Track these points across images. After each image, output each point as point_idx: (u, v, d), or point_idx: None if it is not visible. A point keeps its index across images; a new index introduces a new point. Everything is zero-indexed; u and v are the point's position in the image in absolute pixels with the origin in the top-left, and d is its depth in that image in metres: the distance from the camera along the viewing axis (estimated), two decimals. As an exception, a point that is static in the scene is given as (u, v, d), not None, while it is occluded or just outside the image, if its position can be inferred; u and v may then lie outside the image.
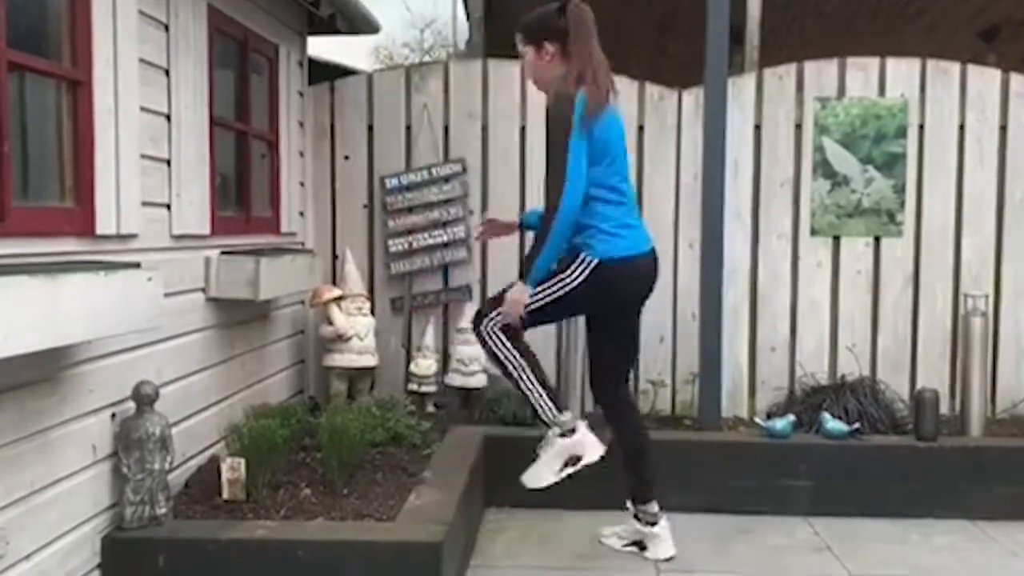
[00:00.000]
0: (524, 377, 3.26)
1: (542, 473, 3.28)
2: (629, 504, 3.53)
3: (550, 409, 3.24)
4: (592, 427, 3.32)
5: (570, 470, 3.27)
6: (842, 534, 3.79)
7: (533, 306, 3.22)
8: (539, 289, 3.22)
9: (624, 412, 3.53)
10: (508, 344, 3.26)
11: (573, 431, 3.24)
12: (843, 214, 4.67)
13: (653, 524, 3.48)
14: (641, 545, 3.52)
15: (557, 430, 3.24)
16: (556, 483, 3.26)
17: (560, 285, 3.22)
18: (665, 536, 3.48)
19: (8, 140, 2.30)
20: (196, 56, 3.33)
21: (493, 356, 3.31)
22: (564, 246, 3.18)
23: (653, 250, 3.37)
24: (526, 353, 3.29)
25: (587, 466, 3.25)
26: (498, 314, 3.25)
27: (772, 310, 4.74)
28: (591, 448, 3.26)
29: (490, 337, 3.28)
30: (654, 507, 3.49)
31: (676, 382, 4.75)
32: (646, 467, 3.48)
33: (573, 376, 4.39)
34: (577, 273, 3.20)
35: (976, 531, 3.88)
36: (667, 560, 3.46)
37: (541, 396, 3.25)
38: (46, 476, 2.46)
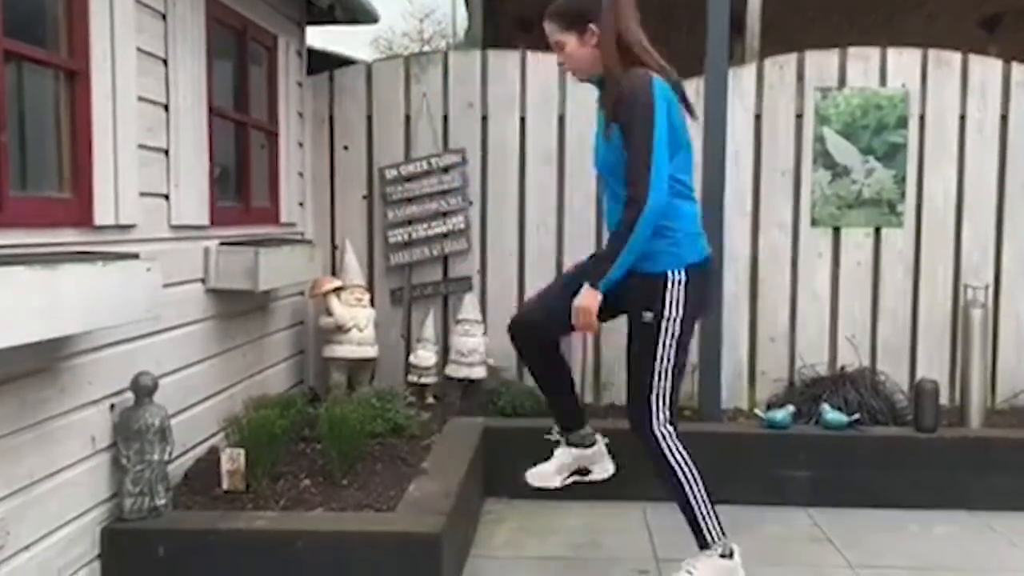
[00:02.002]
0: (697, 492, 2.88)
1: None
2: (558, 435, 3.21)
3: (717, 530, 2.88)
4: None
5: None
6: (842, 525, 3.80)
7: (665, 361, 2.83)
8: (656, 344, 2.82)
9: None
10: (684, 449, 2.89)
11: (731, 554, 2.90)
12: (843, 204, 4.67)
13: (592, 444, 3.21)
14: (584, 471, 3.22)
15: (718, 550, 2.89)
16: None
17: (669, 320, 2.81)
18: (604, 451, 3.22)
19: (6, 130, 2.30)
20: (194, 46, 3.31)
21: (662, 459, 2.87)
22: (642, 250, 2.75)
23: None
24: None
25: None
26: (663, 402, 2.86)
27: (772, 300, 4.74)
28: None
29: (665, 439, 2.87)
30: (589, 427, 3.23)
31: (676, 373, 4.74)
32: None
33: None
34: (675, 295, 2.81)
35: (976, 522, 3.88)
36: (610, 477, 3.21)
37: (710, 513, 2.89)
38: (46, 467, 2.46)
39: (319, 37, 5.01)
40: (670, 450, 2.87)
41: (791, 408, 4.17)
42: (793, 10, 7.41)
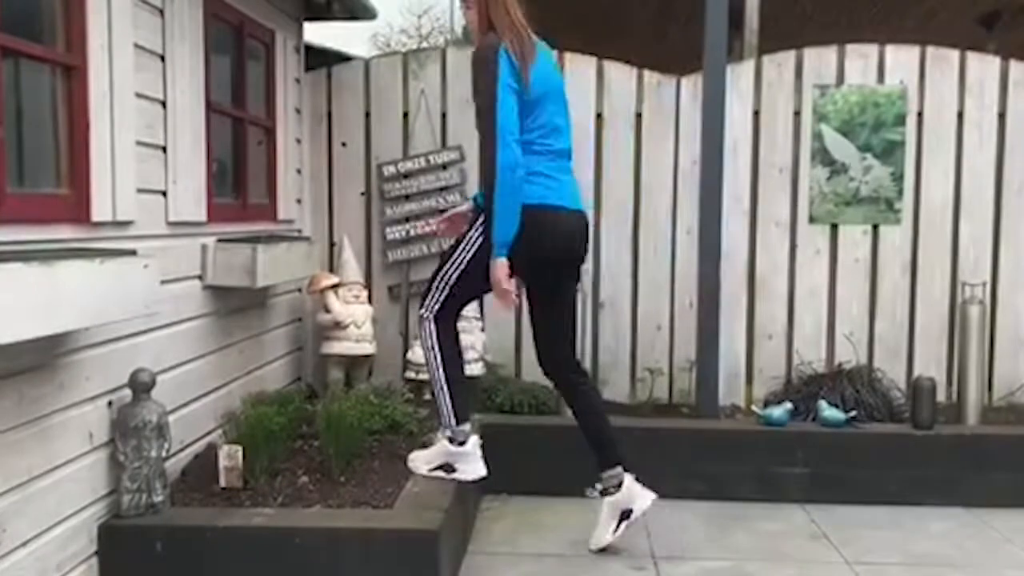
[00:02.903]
0: (441, 379, 3.26)
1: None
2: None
3: (451, 417, 3.26)
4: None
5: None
6: (838, 521, 3.80)
7: (454, 275, 3.23)
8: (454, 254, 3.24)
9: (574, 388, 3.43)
10: (441, 338, 3.26)
11: (464, 443, 3.27)
12: (841, 202, 4.67)
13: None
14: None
15: (447, 433, 3.28)
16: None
17: (467, 244, 3.22)
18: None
19: (3, 126, 2.29)
20: (192, 42, 3.30)
21: (424, 343, 3.29)
22: (513, 206, 3.06)
23: (573, 209, 3.24)
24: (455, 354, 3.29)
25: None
26: (438, 297, 3.25)
27: (770, 298, 4.74)
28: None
29: (427, 326, 3.27)
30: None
31: (673, 370, 4.75)
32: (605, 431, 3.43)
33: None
34: (485, 227, 3.17)
35: (972, 518, 3.89)
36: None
37: (448, 402, 3.26)
38: (44, 463, 2.46)
39: (317, 33, 5.00)
40: (428, 336, 3.26)
41: (788, 405, 4.17)
42: (791, 6, 7.40)
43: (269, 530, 2.79)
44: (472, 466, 3.31)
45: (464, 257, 3.23)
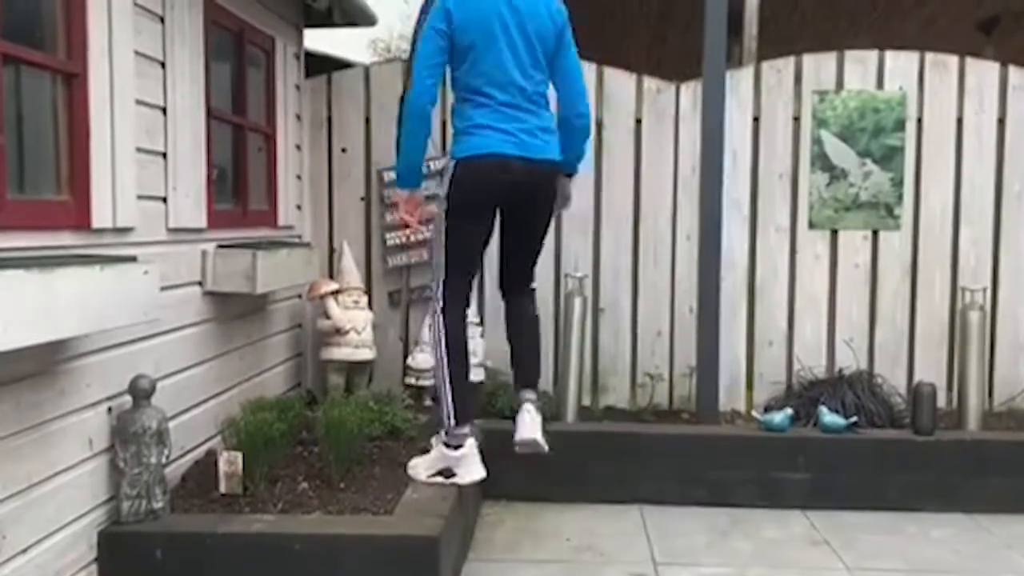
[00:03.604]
0: (445, 377, 3.32)
1: (421, 469, 3.37)
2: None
3: (450, 419, 3.29)
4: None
5: (439, 479, 3.33)
6: (839, 527, 3.80)
7: (441, 253, 3.34)
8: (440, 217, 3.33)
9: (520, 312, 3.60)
10: (449, 334, 3.32)
11: (460, 447, 3.28)
12: (841, 207, 4.67)
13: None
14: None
15: (443, 437, 3.32)
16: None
17: (437, 220, 3.37)
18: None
19: (4, 132, 2.29)
20: (192, 48, 3.31)
21: (433, 334, 3.37)
22: (413, 144, 3.29)
23: (521, 157, 3.26)
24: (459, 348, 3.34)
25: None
26: (438, 279, 3.37)
27: (770, 303, 4.74)
28: (471, 472, 3.33)
29: (436, 319, 3.35)
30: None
31: (674, 376, 4.74)
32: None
33: (566, 377, 4.36)
34: (447, 187, 3.30)
35: (973, 524, 3.89)
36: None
37: (450, 404, 3.31)
38: (43, 470, 2.45)
39: (317, 40, 5.01)
40: (435, 331, 3.32)
41: (789, 411, 4.17)
42: (791, 11, 7.42)
43: (269, 536, 2.79)
44: (470, 468, 3.30)
45: (440, 228, 3.34)
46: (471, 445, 3.30)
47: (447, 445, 3.31)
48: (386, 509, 3.03)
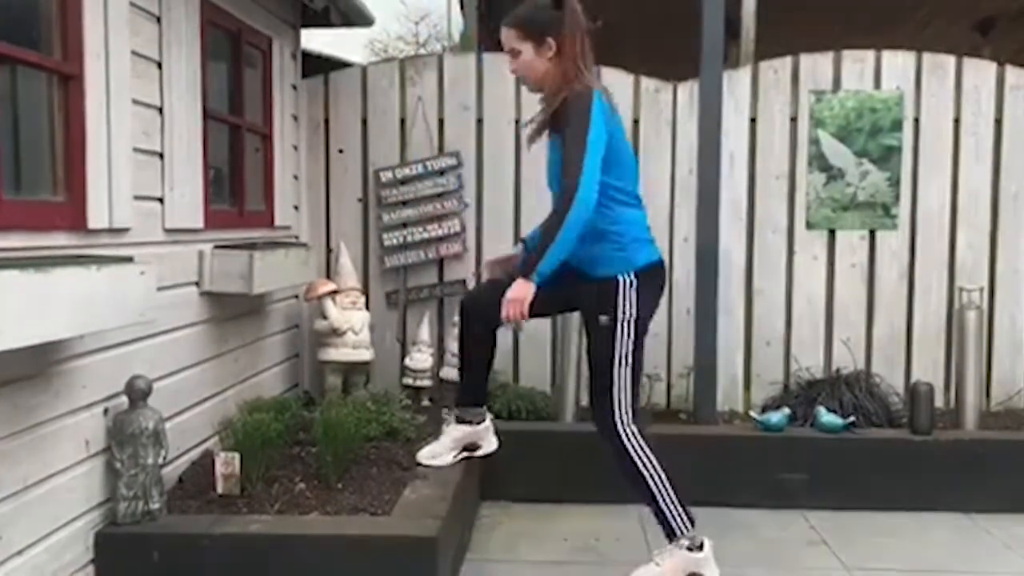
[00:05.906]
0: (662, 486, 3.00)
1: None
2: (454, 413, 3.53)
3: (683, 523, 3.02)
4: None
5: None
6: (837, 527, 3.80)
7: (623, 361, 2.97)
8: (613, 342, 2.95)
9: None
10: (647, 447, 2.99)
11: (701, 547, 3.04)
12: (838, 207, 4.67)
13: (482, 421, 3.52)
14: (473, 447, 3.52)
15: (684, 543, 3.02)
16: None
17: (624, 321, 2.95)
18: (491, 427, 3.54)
19: (-1, 133, 2.29)
20: (189, 49, 3.30)
21: (626, 457, 2.98)
22: (573, 244, 2.83)
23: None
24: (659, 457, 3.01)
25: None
26: (625, 402, 2.98)
27: (767, 304, 4.74)
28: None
29: (629, 438, 2.98)
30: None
31: (671, 376, 4.74)
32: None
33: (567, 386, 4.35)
34: (628, 297, 2.95)
35: (971, 524, 3.89)
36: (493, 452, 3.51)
37: (676, 507, 3.03)
38: (39, 471, 2.45)
39: (314, 40, 5.01)
40: (634, 448, 2.98)
41: (786, 411, 4.17)
42: (787, 13, 7.43)
43: (266, 537, 2.78)
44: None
45: (624, 348, 2.97)
46: (708, 546, 3.11)
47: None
48: (384, 510, 3.02)
